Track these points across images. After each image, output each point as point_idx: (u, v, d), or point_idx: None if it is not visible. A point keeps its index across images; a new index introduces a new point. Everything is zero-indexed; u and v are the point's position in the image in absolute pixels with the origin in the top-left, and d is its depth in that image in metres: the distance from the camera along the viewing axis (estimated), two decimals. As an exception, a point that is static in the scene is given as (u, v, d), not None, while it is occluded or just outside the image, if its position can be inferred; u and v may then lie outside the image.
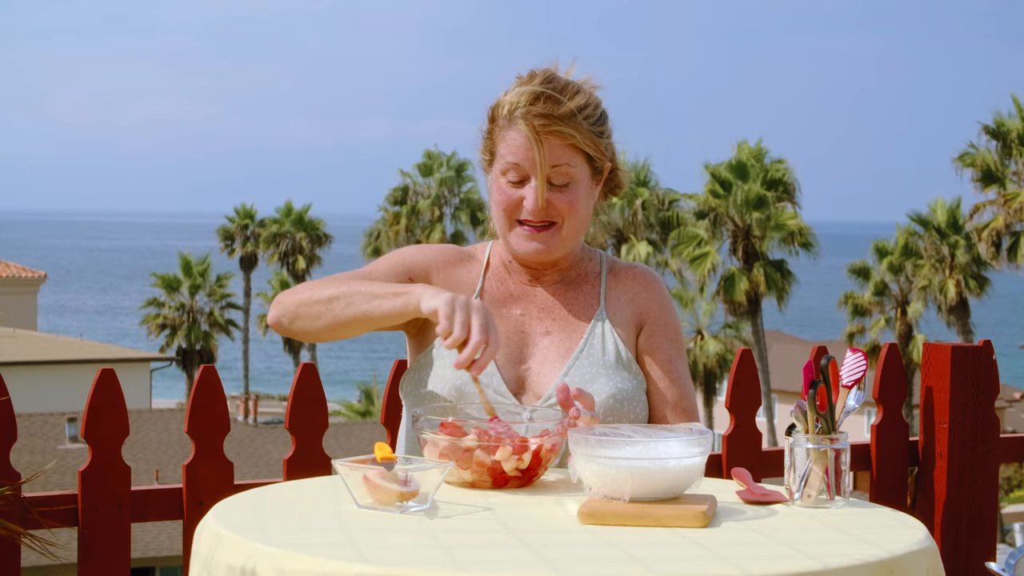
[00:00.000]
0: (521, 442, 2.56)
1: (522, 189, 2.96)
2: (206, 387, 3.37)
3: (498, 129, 2.98)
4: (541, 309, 3.04)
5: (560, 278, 3.07)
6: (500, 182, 2.98)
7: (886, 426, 3.96)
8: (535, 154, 2.92)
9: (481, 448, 2.54)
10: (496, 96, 3.02)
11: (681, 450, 2.39)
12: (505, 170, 2.97)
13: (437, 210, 48.65)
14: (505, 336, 2.98)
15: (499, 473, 2.56)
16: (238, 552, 2.19)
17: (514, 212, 2.98)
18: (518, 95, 2.95)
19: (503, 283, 3.07)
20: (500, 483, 2.57)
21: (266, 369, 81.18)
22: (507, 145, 2.96)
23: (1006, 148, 35.28)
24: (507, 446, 2.54)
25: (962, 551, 3.89)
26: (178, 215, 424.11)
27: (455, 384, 2.91)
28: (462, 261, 3.10)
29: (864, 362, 2.68)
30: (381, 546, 2.18)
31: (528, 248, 2.98)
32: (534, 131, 2.92)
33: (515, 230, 2.99)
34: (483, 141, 3.04)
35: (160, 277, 50.38)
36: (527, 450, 2.55)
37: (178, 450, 28.27)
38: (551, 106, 2.93)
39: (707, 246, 37.18)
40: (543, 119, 2.92)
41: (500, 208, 2.99)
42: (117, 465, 3.28)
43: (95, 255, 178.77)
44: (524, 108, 2.93)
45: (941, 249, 37.88)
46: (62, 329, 71.22)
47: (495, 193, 3.00)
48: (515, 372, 2.98)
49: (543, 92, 2.94)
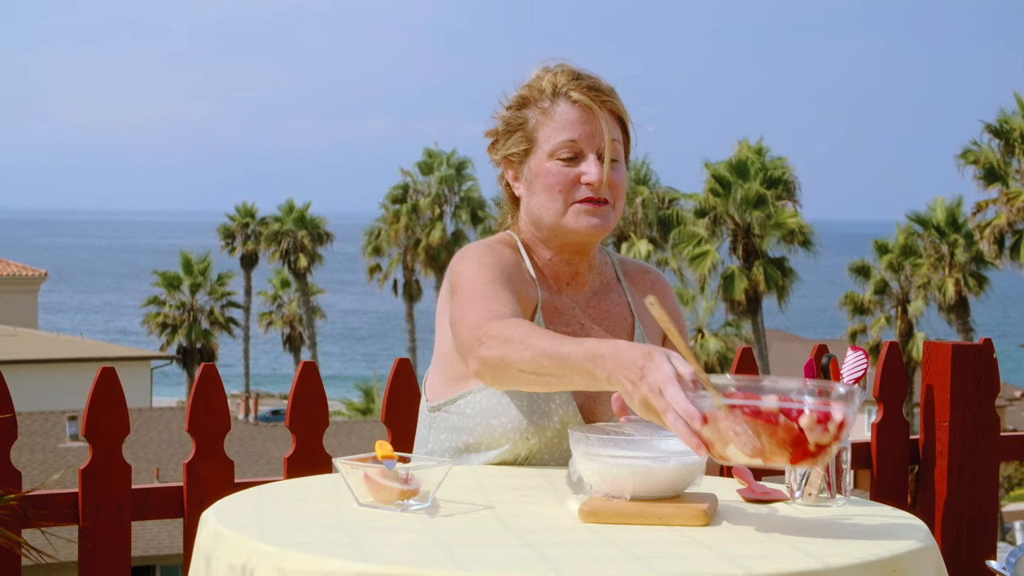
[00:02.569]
0: (823, 411, 2.20)
1: (577, 167, 2.85)
2: (207, 385, 3.37)
3: (538, 112, 2.88)
4: (583, 327, 2.94)
5: (587, 280, 2.97)
6: (549, 166, 2.86)
7: (887, 424, 3.96)
8: (595, 126, 2.85)
9: (783, 413, 2.19)
10: (516, 90, 2.93)
11: (682, 448, 2.39)
12: (555, 151, 2.85)
13: (437, 208, 48.65)
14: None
15: (802, 445, 2.21)
16: (239, 551, 2.19)
17: (571, 192, 2.86)
18: (556, 75, 2.89)
19: (549, 295, 2.93)
20: (799, 458, 2.22)
21: (267, 367, 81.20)
22: (557, 123, 2.86)
23: (1009, 146, 35.27)
24: (811, 413, 2.20)
25: (963, 549, 3.89)
26: (179, 213, 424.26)
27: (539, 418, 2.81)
28: (519, 270, 2.91)
29: (865, 360, 2.67)
30: (382, 545, 2.18)
31: (589, 223, 2.86)
32: (591, 100, 2.85)
33: (571, 209, 2.86)
34: (509, 136, 2.93)
35: (161, 275, 50.40)
36: (830, 419, 2.20)
37: (179, 449, 28.28)
38: (594, 81, 2.89)
39: (707, 245, 37.17)
40: (594, 91, 2.87)
41: (555, 190, 2.85)
42: (118, 464, 3.29)
43: (96, 253, 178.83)
44: (571, 83, 2.86)
45: (940, 248, 37.89)
46: (63, 327, 71.28)
47: (545, 177, 2.86)
48: (583, 396, 2.86)
49: (581, 71, 2.90)
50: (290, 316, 53.27)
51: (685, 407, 2.21)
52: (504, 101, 2.97)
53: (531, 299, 2.90)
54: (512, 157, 2.94)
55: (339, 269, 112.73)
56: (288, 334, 53.51)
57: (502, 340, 2.57)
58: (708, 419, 2.21)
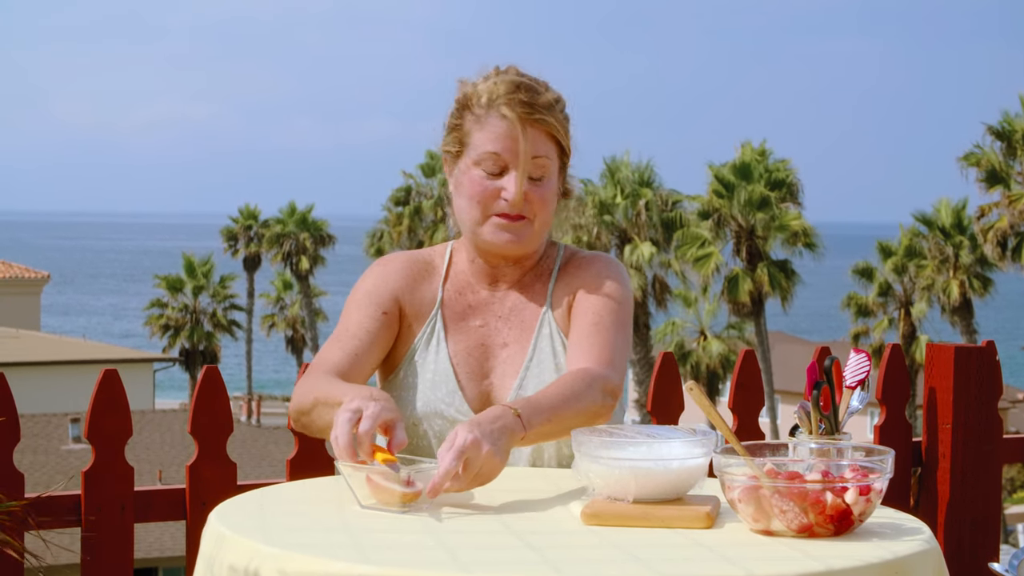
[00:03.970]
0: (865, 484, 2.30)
1: (499, 180, 2.88)
2: (209, 387, 3.37)
3: (472, 118, 2.90)
4: (499, 318, 2.98)
5: (519, 278, 3.00)
6: (473, 173, 2.90)
7: (889, 427, 3.96)
8: (519, 144, 2.86)
9: (829, 491, 2.27)
10: (462, 87, 2.94)
11: (684, 451, 2.39)
12: (480, 160, 2.88)
13: (440, 210, 48.65)
14: (467, 351, 2.94)
15: (847, 518, 2.29)
16: (241, 552, 2.19)
17: (489, 205, 2.90)
18: (496, 84, 2.89)
19: (462, 294, 3.00)
20: (844, 529, 2.30)
21: (269, 370, 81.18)
22: (485, 134, 2.88)
23: (1011, 148, 35.24)
24: (855, 488, 2.28)
25: (965, 552, 3.89)
26: (181, 216, 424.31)
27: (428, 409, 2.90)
28: (423, 274, 3.02)
29: (868, 363, 2.67)
30: (384, 547, 2.18)
31: (502, 239, 2.90)
32: (519, 119, 2.86)
33: (489, 221, 2.90)
34: (449, 133, 2.96)
35: (163, 278, 50.39)
36: (872, 490, 2.30)
37: (181, 451, 28.27)
38: (532, 95, 2.88)
39: (710, 247, 37.14)
40: (526, 107, 2.87)
41: (474, 200, 2.90)
42: (120, 466, 3.29)
43: (98, 256, 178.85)
44: (505, 96, 2.87)
45: (945, 249, 37.85)
46: (65, 330, 71.28)
47: (468, 185, 2.91)
48: (478, 389, 2.92)
49: (522, 82, 2.89)
50: (292, 318, 53.26)
51: (343, 437, 2.45)
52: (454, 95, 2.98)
53: (425, 306, 2.98)
54: (447, 155, 2.98)
55: (341, 271, 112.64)
56: (290, 336, 53.50)
57: (299, 387, 2.85)
58: (749, 493, 2.28)
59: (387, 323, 2.95)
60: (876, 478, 2.31)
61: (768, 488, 2.27)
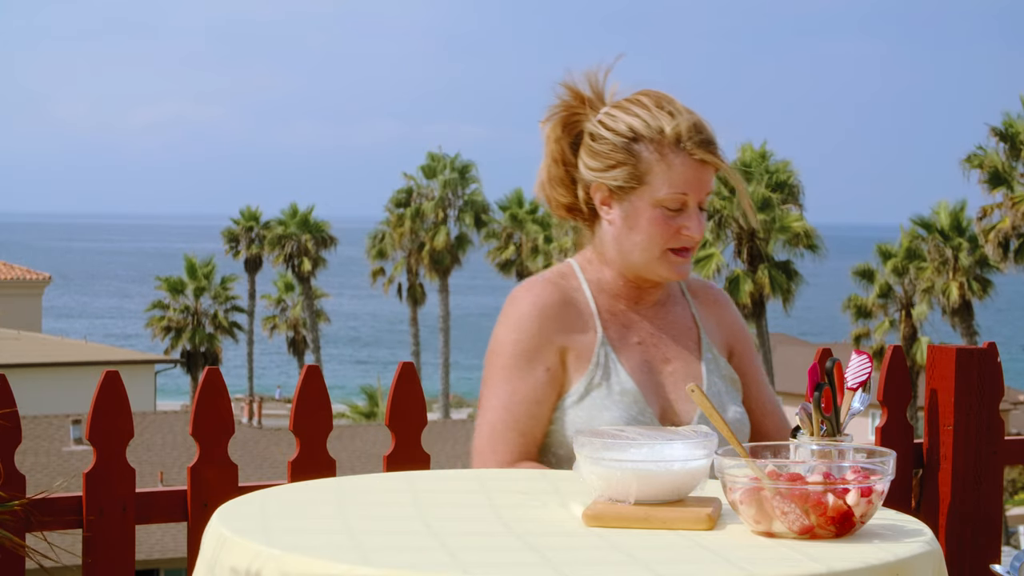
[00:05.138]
0: (866, 486, 2.29)
1: (678, 218, 2.95)
2: (210, 389, 3.37)
3: (654, 155, 2.93)
4: (652, 335, 3.04)
5: (657, 298, 3.08)
6: (656, 213, 2.94)
7: (890, 428, 3.96)
8: (705, 185, 2.95)
9: (831, 493, 2.26)
10: (617, 115, 2.97)
11: (686, 452, 2.39)
12: (665, 200, 2.93)
13: (441, 212, 48.65)
14: (637, 368, 2.98)
15: (849, 519, 2.29)
16: (242, 554, 2.19)
17: (668, 241, 2.96)
18: (678, 123, 2.94)
19: (614, 315, 3.04)
20: (845, 531, 2.29)
21: (271, 371, 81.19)
22: (673, 175, 2.93)
23: (1014, 150, 35.25)
24: (857, 490, 2.28)
25: (967, 553, 3.89)
26: (183, 217, 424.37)
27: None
28: (571, 307, 3.01)
29: (869, 364, 2.67)
30: (385, 548, 2.18)
31: (679, 271, 3.00)
32: (704, 160, 2.94)
33: (664, 255, 2.97)
34: (615, 166, 2.96)
35: (165, 280, 50.43)
36: (873, 492, 2.30)
37: (182, 452, 28.28)
38: (708, 133, 2.97)
39: (712, 248, 37.17)
40: (709, 148, 2.95)
41: (657, 238, 2.95)
42: (121, 467, 3.29)
43: (100, 257, 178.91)
44: (690, 137, 2.93)
45: (944, 251, 37.86)
46: (67, 331, 71.26)
47: (648, 223, 2.95)
48: (659, 404, 2.98)
49: (698, 120, 2.97)
50: (294, 320, 53.29)
51: None
52: (608, 119, 2.98)
53: (587, 341, 2.98)
54: (613, 188, 2.98)
55: (343, 273, 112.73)
56: (292, 338, 53.51)
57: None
58: (751, 494, 2.28)
59: (553, 376, 2.97)
60: (877, 480, 2.31)
61: (770, 490, 2.27)
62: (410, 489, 2.61)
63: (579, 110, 3.02)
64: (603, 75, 3.03)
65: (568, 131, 3.04)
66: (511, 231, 48.26)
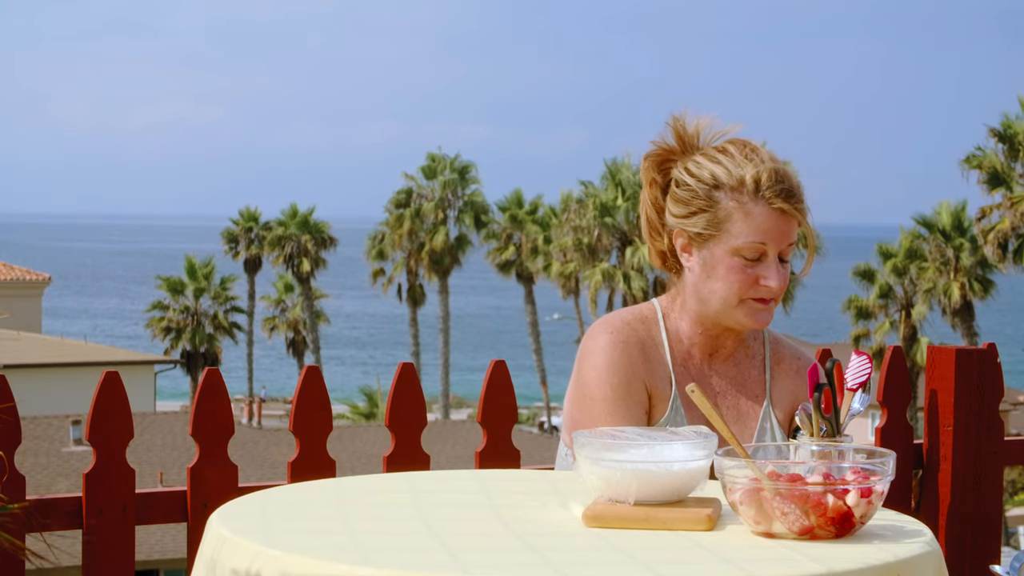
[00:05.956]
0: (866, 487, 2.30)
1: (757, 267, 2.94)
2: (210, 390, 3.37)
3: (733, 204, 2.92)
4: (717, 393, 3.05)
5: (734, 351, 3.07)
6: (734, 261, 2.93)
7: (890, 429, 3.96)
8: (785, 232, 2.93)
9: (831, 493, 2.27)
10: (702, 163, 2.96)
11: (686, 453, 2.39)
12: (743, 248, 2.92)
13: (440, 213, 48.66)
14: (694, 422, 2.97)
15: (849, 520, 2.29)
16: (242, 555, 2.19)
17: (747, 290, 2.95)
18: (759, 172, 2.92)
19: (686, 366, 3.04)
20: (845, 532, 2.30)
21: (270, 372, 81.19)
22: (753, 224, 2.91)
23: (1013, 150, 35.24)
24: (857, 491, 2.28)
25: (966, 554, 3.89)
26: (182, 218, 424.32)
27: None
28: (653, 349, 3.03)
29: (869, 365, 2.67)
30: (385, 548, 2.18)
31: (758, 321, 2.98)
32: (785, 211, 2.92)
33: (743, 303, 2.96)
34: (695, 213, 2.96)
35: (164, 280, 50.40)
36: (873, 492, 2.30)
37: (182, 453, 28.29)
38: (790, 183, 2.95)
39: (711, 249, 37.14)
40: (790, 198, 2.93)
41: (735, 287, 2.94)
42: (121, 468, 3.29)
43: (99, 258, 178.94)
44: (771, 187, 2.91)
45: (945, 252, 37.86)
46: (67, 332, 71.24)
47: (727, 272, 2.94)
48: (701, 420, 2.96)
49: (779, 168, 2.94)
50: (294, 320, 53.27)
51: None
52: (693, 167, 2.98)
53: (663, 388, 3.00)
54: (693, 234, 2.98)
55: (342, 273, 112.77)
56: (292, 338, 53.50)
57: None
58: (751, 495, 2.29)
59: (646, 412, 2.99)
60: (877, 480, 2.31)
61: (769, 490, 2.27)
62: (410, 489, 2.61)
63: (673, 154, 3.03)
64: (703, 124, 3.02)
65: (663, 174, 3.05)
66: (511, 231, 48.27)
